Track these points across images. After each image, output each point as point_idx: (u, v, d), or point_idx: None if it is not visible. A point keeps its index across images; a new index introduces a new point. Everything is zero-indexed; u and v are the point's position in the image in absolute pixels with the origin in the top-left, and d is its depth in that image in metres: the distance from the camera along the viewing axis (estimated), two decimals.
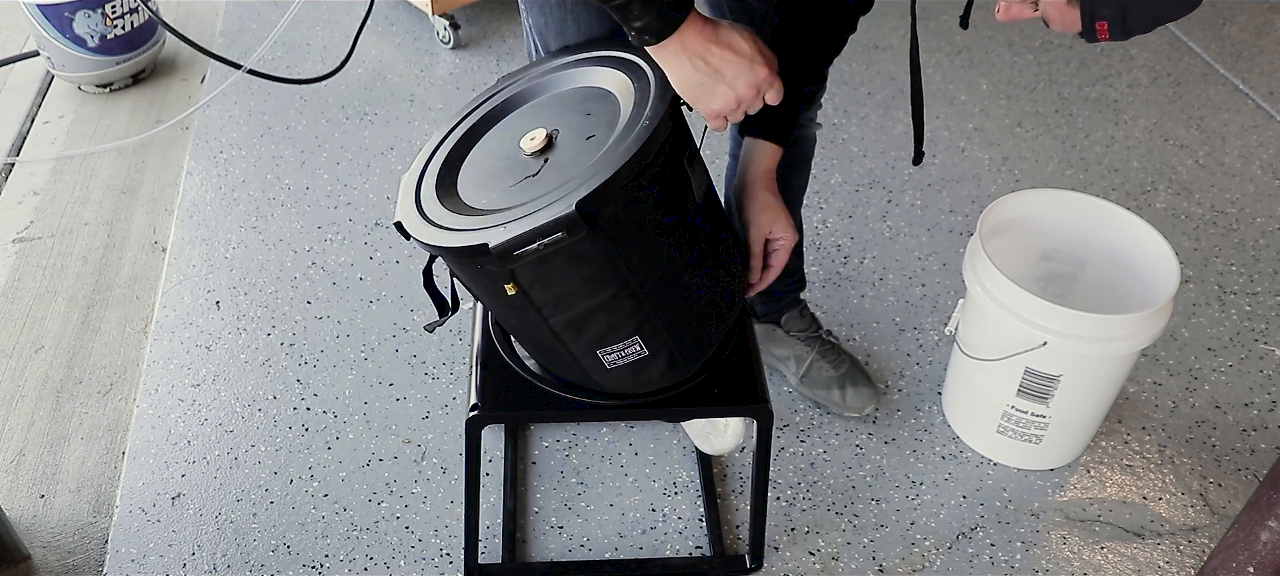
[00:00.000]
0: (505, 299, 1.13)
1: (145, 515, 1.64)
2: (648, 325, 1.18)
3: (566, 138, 1.15)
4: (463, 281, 1.22)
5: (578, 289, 1.13)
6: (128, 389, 1.89)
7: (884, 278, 2.07)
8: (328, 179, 2.34)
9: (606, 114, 1.15)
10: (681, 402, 1.29)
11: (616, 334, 1.18)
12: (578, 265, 1.10)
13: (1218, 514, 1.64)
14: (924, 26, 2.89)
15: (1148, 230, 1.61)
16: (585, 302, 1.14)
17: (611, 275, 1.12)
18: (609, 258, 1.10)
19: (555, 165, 1.12)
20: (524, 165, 1.15)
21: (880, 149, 2.42)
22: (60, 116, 2.66)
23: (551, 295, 1.12)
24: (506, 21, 2.90)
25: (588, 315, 1.15)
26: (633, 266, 1.12)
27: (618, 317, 1.16)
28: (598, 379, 1.24)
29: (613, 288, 1.14)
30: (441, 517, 1.63)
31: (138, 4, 2.64)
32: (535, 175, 1.13)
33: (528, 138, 1.16)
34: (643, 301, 1.16)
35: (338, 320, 1.98)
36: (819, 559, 1.58)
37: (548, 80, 1.25)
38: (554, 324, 1.16)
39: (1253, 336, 1.95)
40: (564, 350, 1.20)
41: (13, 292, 2.12)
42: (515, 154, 1.17)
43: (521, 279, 1.10)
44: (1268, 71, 2.71)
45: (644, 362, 1.21)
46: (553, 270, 1.09)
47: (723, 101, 1.11)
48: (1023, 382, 1.57)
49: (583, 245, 1.06)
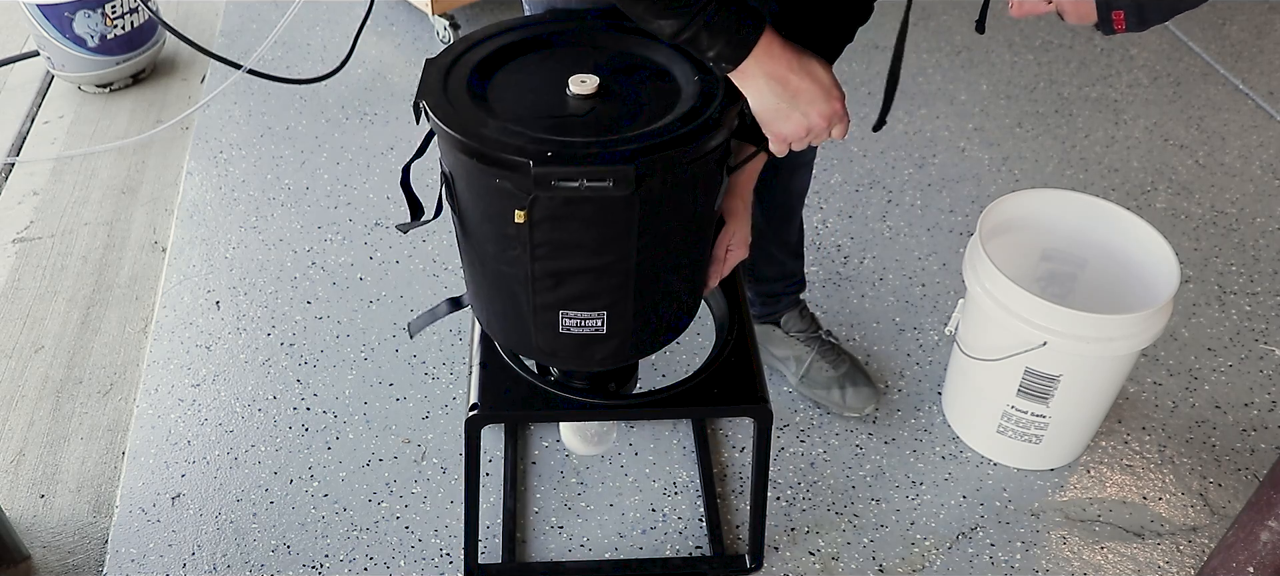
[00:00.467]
0: (503, 226, 1.11)
1: (145, 515, 1.64)
2: (620, 305, 1.18)
3: (616, 95, 1.14)
4: (454, 189, 1.17)
5: (582, 243, 1.12)
6: (128, 389, 1.89)
7: (884, 277, 2.07)
8: (328, 179, 2.34)
9: (663, 91, 1.15)
10: (682, 403, 1.30)
11: (589, 302, 1.17)
12: (598, 221, 1.09)
13: (1218, 514, 1.64)
14: (924, 26, 2.89)
15: (1148, 230, 1.61)
16: (580, 259, 1.13)
17: (620, 243, 1.12)
18: (628, 225, 1.10)
19: (603, 116, 1.11)
20: (569, 103, 1.13)
21: (880, 149, 2.42)
22: (60, 116, 2.66)
23: (554, 238, 1.11)
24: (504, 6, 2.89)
25: (574, 272, 1.14)
26: (641, 243, 1.12)
27: (600, 286, 1.16)
28: (539, 340, 1.22)
29: (614, 254, 1.13)
30: (441, 517, 1.63)
31: (138, 4, 2.64)
32: (582, 117, 1.11)
33: (578, 79, 1.13)
34: (630, 279, 1.15)
35: (338, 320, 1.98)
36: (819, 559, 1.58)
37: (598, 34, 1.23)
38: (536, 268, 1.13)
39: (1253, 336, 1.95)
40: (526, 299, 1.18)
41: (13, 292, 2.12)
42: (558, 89, 1.14)
43: (537, 211, 1.07)
44: (1268, 71, 2.71)
45: (595, 340, 1.20)
46: (573, 214, 1.08)
47: (794, 128, 1.12)
48: (1023, 382, 1.57)
49: (616, 204, 1.06)
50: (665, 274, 1.20)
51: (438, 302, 1.42)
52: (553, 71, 1.17)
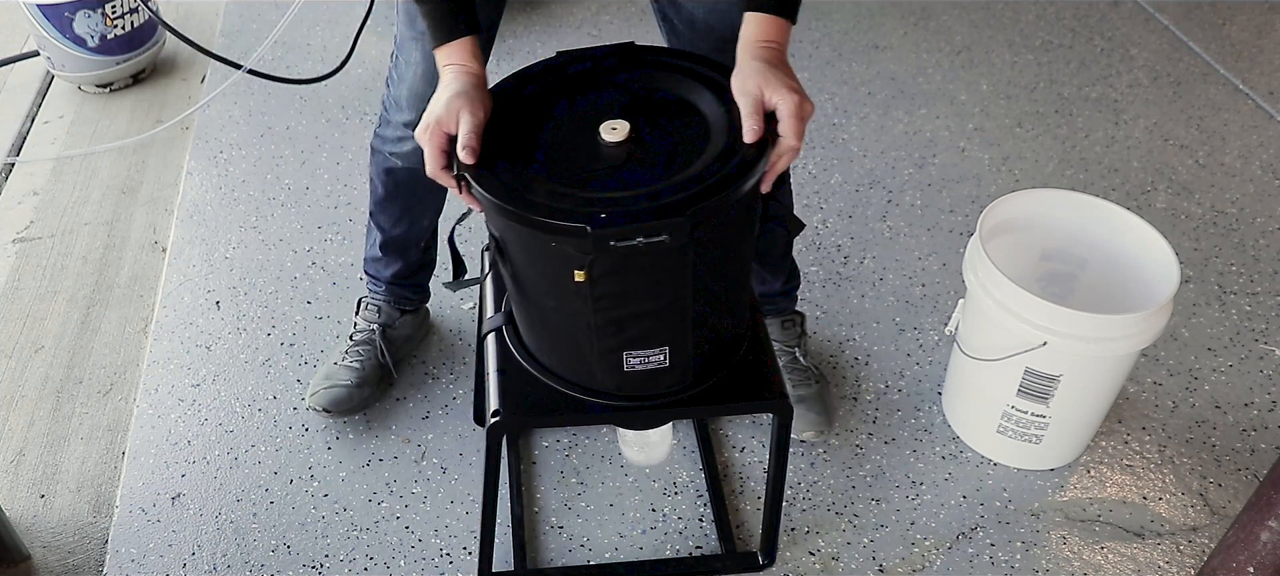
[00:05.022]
0: (562, 282, 1.12)
1: (145, 515, 1.64)
2: (681, 338, 1.20)
3: (648, 138, 1.15)
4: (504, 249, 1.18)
5: (641, 291, 1.13)
6: (128, 389, 1.89)
7: (884, 277, 2.07)
8: (328, 179, 2.34)
9: (692, 127, 1.16)
10: (702, 401, 1.30)
11: (651, 340, 1.19)
12: (655, 269, 1.11)
13: (1218, 514, 1.64)
14: (924, 27, 2.89)
15: (1148, 230, 1.61)
16: (640, 304, 1.15)
17: (676, 286, 1.14)
18: (684, 270, 1.12)
19: (642, 163, 1.12)
20: (603, 153, 1.14)
21: (880, 149, 2.42)
22: (60, 116, 2.67)
23: (613, 290, 1.12)
24: (505, 21, 2.89)
25: (634, 317, 1.16)
26: (697, 283, 1.14)
27: (660, 326, 1.18)
28: (603, 378, 1.24)
29: (671, 297, 1.15)
30: (441, 517, 1.63)
31: (138, 4, 2.64)
32: (620, 167, 1.12)
33: (609, 127, 1.15)
34: (688, 316, 1.18)
35: (338, 320, 1.98)
36: (819, 559, 1.58)
37: (615, 72, 1.25)
38: (598, 318, 1.15)
39: (1253, 336, 1.95)
40: (589, 344, 1.20)
41: (13, 292, 2.12)
42: (590, 138, 1.15)
43: (596, 268, 1.09)
44: (1268, 71, 2.71)
45: (660, 372, 1.22)
46: (630, 268, 1.10)
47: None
48: (1023, 382, 1.57)
49: (672, 253, 1.07)
50: (720, 299, 1.23)
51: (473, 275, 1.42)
52: (580, 118, 1.19)
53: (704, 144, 1.14)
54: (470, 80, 1.20)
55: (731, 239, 1.19)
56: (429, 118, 1.17)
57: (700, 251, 1.11)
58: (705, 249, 1.11)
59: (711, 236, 1.11)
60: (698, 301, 1.17)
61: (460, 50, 1.22)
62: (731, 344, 1.31)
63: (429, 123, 1.17)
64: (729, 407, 1.42)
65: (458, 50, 1.22)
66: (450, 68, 1.21)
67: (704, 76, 1.21)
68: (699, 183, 1.07)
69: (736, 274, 1.25)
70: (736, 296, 1.29)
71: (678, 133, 1.16)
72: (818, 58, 2.74)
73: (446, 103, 1.17)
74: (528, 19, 2.93)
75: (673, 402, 1.28)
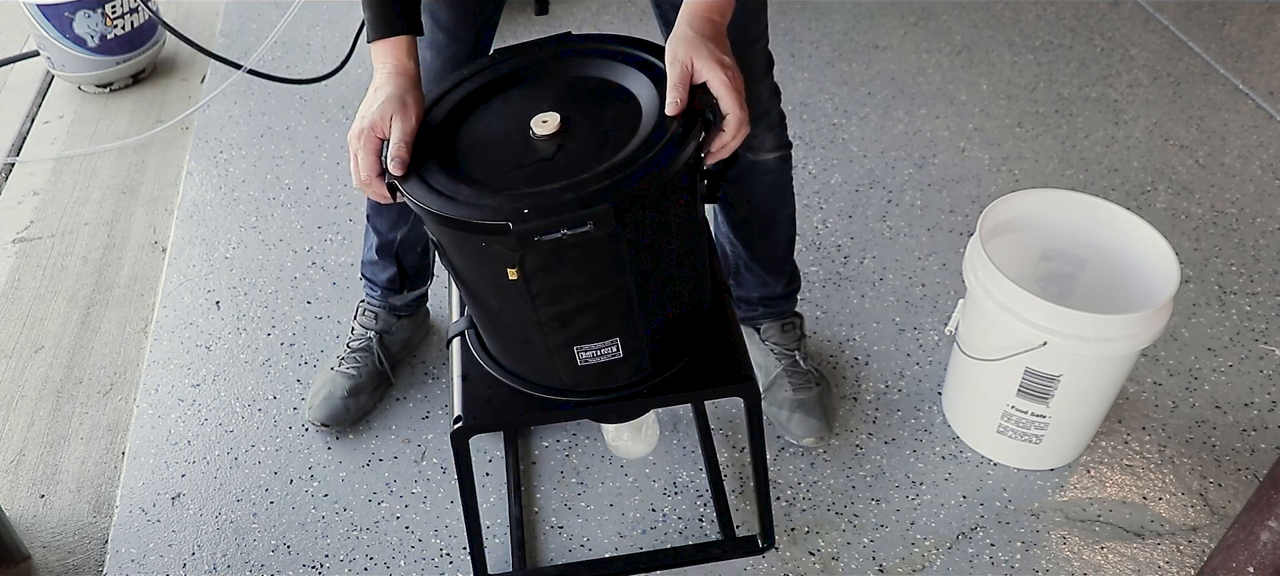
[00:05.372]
0: (500, 282, 1.11)
1: (145, 515, 1.64)
2: (630, 328, 1.19)
3: (579, 127, 1.14)
4: (446, 254, 1.19)
5: (579, 283, 1.13)
6: (128, 389, 1.89)
7: (884, 277, 2.07)
8: (328, 179, 2.34)
9: (625, 112, 1.14)
10: (667, 389, 1.29)
11: (599, 332, 1.18)
12: (588, 260, 1.10)
13: (1218, 514, 1.64)
14: (924, 27, 2.89)
15: (1148, 230, 1.61)
16: (581, 297, 1.14)
17: (615, 275, 1.13)
18: (618, 258, 1.11)
19: (571, 154, 1.11)
20: (534, 147, 1.13)
21: (880, 149, 2.42)
22: (60, 116, 2.67)
23: (551, 285, 1.12)
24: (505, 21, 2.89)
25: (578, 310, 1.15)
26: (636, 270, 1.13)
27: (606, 317, 1.17)
28: (562, 375, 1.23)
29: (612, 287, 1.14)
30: (441, 517, 1.63)
31: (138, 4, 2.64)
32: (550, 159, 1.11)
33: (540, 120, 1.14)
34: (634, 305, 1.16)
35: (338, 320, 1.98)
36: (819, 559, 1.58)
37: (551, 64, 1.24)
38: (541, 315, 1.15)
39: (1253, 336, 1.95)
40: (539, 342, 1.19)
41: (13, 292, 2.12)
42: (522, 133, 1.15)
43: (527, 265, 1.09)
44: (1268, 71, 2.71)
45: (615, 364, 1.22)
46: (562, 261, 1.09)
47: None
48: (1023, 382, 1.57)
49: (601, 242, 1.06)
50: (666, 286, 1.21)
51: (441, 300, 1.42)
52: (514, 114, 1.18)
53: (636, 128, 1.12)
54: (404, 82, 1.18)
55: (670, 220, 1.16)
56: (361, 123, 1.16)
57: (635, 237, 1.09)
58: (640, 234, 1.10)
59: (646, 220, 1.10)
60: (642, 289, 1.15)
61: (396, 49, 1.20)
62: (692, 326, 1.29)
63: (361, 128, 1.15)
64: (694, 394, 1.41)
65: (393, 49, 1.20)
66: (384, 68, 1.19)
67: (639, 60, 1.19)
68: (624, 168, 1.05)
69: (685, 255, 1.22)
70: (689, 279, 1.26)
71: (610, 120, 1.14)
72: (818, 58, 2.74)
73: (380, 107, 1.15)
74: (527, 19, 2.93)
75: (633, 394, 1.27)
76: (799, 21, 2.89)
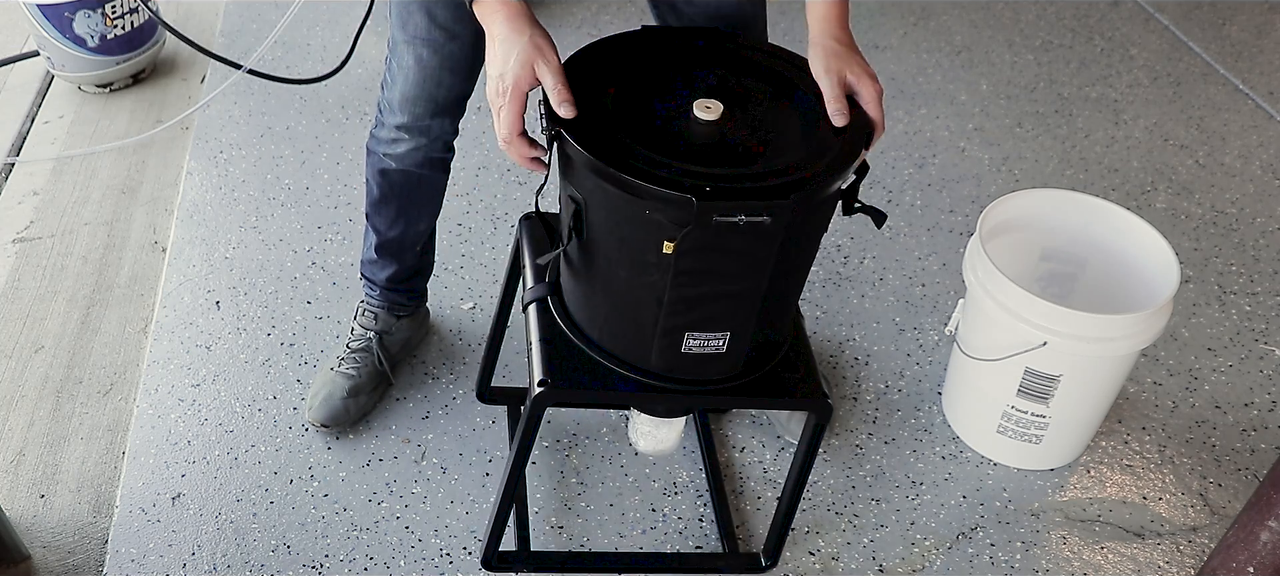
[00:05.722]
0: (643, 254, 1.11)
1: (145, 515, 1.64)
2: (745, 326, 1.20)
3: (739, 121, 1.15)
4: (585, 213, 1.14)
5: (723, 271, 1.13)
6: (128, 389, 1.89)
7: (884, 277, 2.07)
8: (328, 179, 2.34)
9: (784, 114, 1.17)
10: (748, 392, 1.30)
11: (717, 323, 1.18)
12: (744, 249, 1.10)
13: (1218, 514, 1.64)
14: (924, 27, 2.89)
15: (1148, 230, 1.61)
16: (716, 285, 1.14)
17: (758, 270, 1.14)
18: (768, 256, 1.12)
19: (737, 144, 1.13)
20: (696, 129, 1.13)
21: (880, 149, 2.42)
22: (60, 116, 2.66)
23: (697, 267, 1.11)
24: None
25: (708, 298, 1.15)
26: (775, 270, 1.14)
27: (730, 310, 1.17)
28: (657, 357, 1.22)
29: (750, 281, 1.15)
30: (441, 517, 1.63)
31: (138, 4, 2.64)
32: (714, 144, 1.12)
33: (703, 105, 1.14)
34: (757, 304, 1.17)
35: (338, 320, 1.98)
36: (819, 559, 1.58)
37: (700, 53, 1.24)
38: (672, 294, 1.14)
39: (1253, 336, 1.95)
40: (652, 321, 1.18)
41: (13, 292, 2.12)
42: (683, 112, 1.15)
43: (685, 242, 1.07)
44: (1268, 71, 2.71)
45: (715, 358, 1.22)
46: (720, 245, 1.09)
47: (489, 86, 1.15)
48: (1023, 382, 1.57)
49: (763, 236, 1.07)
50: (786, 292, 1.24)
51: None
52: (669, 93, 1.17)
53: (794, 134, 1.14)
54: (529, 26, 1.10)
55: (813, 231, 1.19)
56: (500, 81, 1.10)
57: (787, 240, 1.11)
58: (791, 239, 1.12)
59: (799, 228, 1.12)
60: (770, 291, 1.17)
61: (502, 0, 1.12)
62: (778, 341, 1.32)
63: (504, 87, 1.09)
64: (773, 402, 1.43)
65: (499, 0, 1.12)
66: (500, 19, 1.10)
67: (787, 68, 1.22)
68: (800, 169, 1.07)
69: (805, 268, 1.26)
70: (796, 293, 1.30)
71: (768, 121, 1.17)
72: None
73: (517, 58, 1.08)
74: None
75: (721, 390, 1.27)
76: (799, 22, 2.88)
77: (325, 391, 1.74)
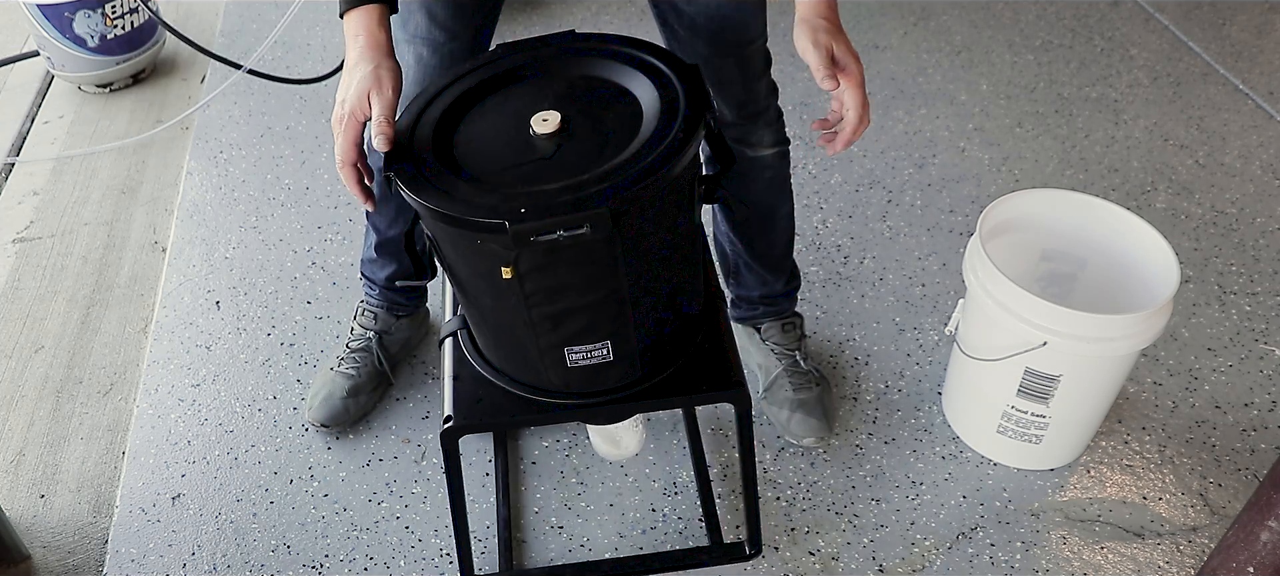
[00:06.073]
0: (494, 280, 1.11)
1: (145, 515, 1.64)
2: (622, 331, 1.19)
3: (580, 127, 1.14)
4: (441, 249, 1.18)
5: (572, 284, 1.12)
6: (128, 389, 1.89)
7: (884, 277, 2.07)
8: (328, 179, 2.34)
9: (626, 114, 1.14)
10: (659, 393, 1.28)
11: (591, 334, 1.18)
12: (583, 262, 1.10)
13: (1218, 514, 1.64)
14: (924, 26, 2.89)
15: (1148, 230, 1.61)
16: (573, 299, 1.14)
17: (609, 278, 1.12)
18: (613, 261, 1.10)
19: (570, 154, 1.11)
20: (534, 145, 1.13)
21: (880, 149, 2.42)
22: (60, 116, 2.67)
23: (544, 285, 1.12)
24: (505, 21, 2.89)
25: (570, 312, 1.15)
26: (630, 273, 1.13)
27: (598, 319, 1.16)
28: (552, 376, 1.23)
29: (605, 290, 1.14)
30: (441, 518, 1.63)
31: (138, 4, 2.64)
32: (548, 159, 1.11)
33: (540, 118, 1.13)
34: (626, 308, 1.16)
35: (338, 320, 1.98)
36: (819, 559, 1.58)
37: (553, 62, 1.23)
38: (533, 314, 1.15)
39: (1253, 336, 1.95)
40: (530, 342, 1.19)
41: (13, 292, 2.12)
42: (521, 131, 1.14)
43: (522, 264, 1.09)
44: (1268, 71, 2.71)
45: (605, 367, 1.21)
46: (557, 262, 1.09)
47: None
48: (1023, 382, 1.57)
49: (598, 243, 1.06)
50: (661, 290, 1.21)
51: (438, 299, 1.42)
52: (514, 111, 1.17)
53: (636, 130, 1.11)
54: (377, 55, 1.16)
55: (666, 224, 1.16)
56: (340, 108, 1.15)
57: (631, 240, 1.09)
58: (637, 237, 1.10)
59: (642, 224, 1.09)
60: (636, 292, 1.15)
61: (368, 20, 1.17)
62: (684, 331, 1.29)
63: (341, 113, 1.14)
64: (684, 399, 1.41)
65: (365, 20, 1.17)
66: (356, 43, 1.16)
67: (642, 62, 1.19)
68: (622, 172, 1.05)
69: (679, 259, 1.22)
70: (683, 284, 1.26)
71: (611, 121, 1.14)
72: None
73: (356, 87, 1.13)
74: (527, 19, 2.93)
75: (624, 397, 1.27)
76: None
77: (325, 391, 1.74)
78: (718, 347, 1.32)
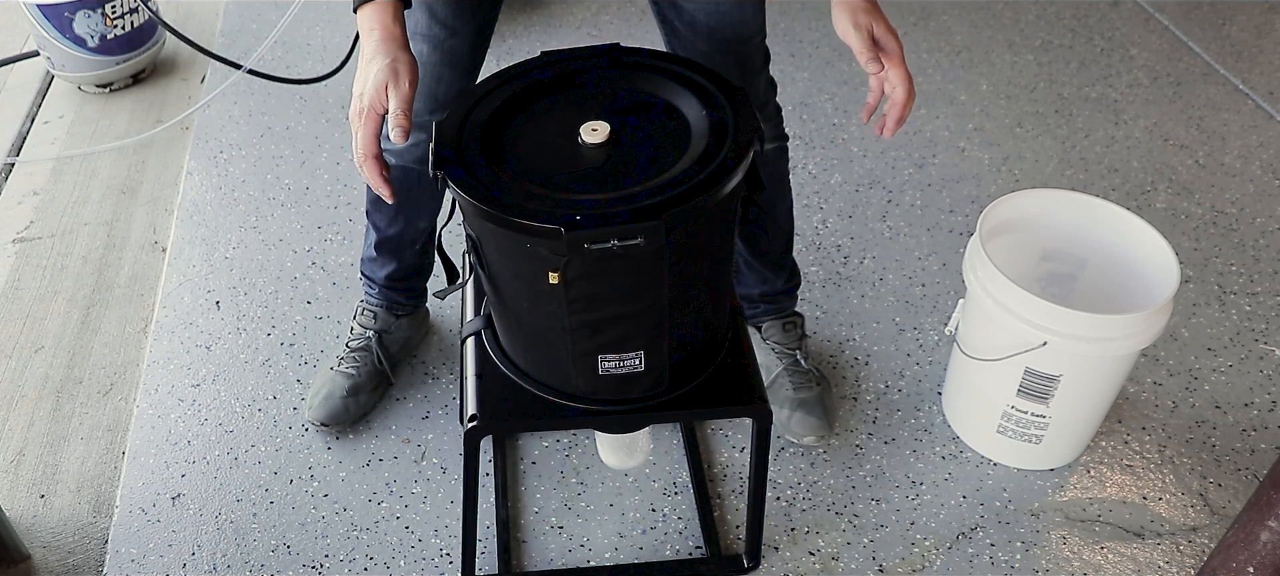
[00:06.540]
0: (536, 284, 1.11)
1: (145, 515, 1.64)
2: (657, 343, 1.19)
3: (629, 139, 1.15)
4: (480, 249, 1.18)
5: (616, 293, 1.13)
6: (128, 389, 1.89)
7: (884, 278, 2.07)
8: (328, 179, 2.34)
9: (672, 130, 1.16)
10: (681, 405, 1.29)
11: (626, 344, 1.18)
12: (630, 272, 1.11)
13: (1218, 514, 1.64)
14: (924, 27, 2.89)
15: (1148, 230, 1.61)
16: (615, 308, 1.14)
17: (652, 290, 1.13)
18: (659, 274, 1.11)
19: (620, 165, 1.12)
20: (583, 154, 1.14)
21: (880, 149, 2.42)
22: (60, 116, 2.67)
23: (588, 292, 1.12)
24: (505, 21, 2.90)
25: (610, 320, 1.15)
26: (672, 285, 1.14)
27: (636, 329, 1.17)
28: (578, 381, 1.23)
29: (647, 301, 1.15)
30: (441, 517, 1.63)
31: (138, 4, 2.64)
32: (598, 168, 1.12)
33: (589, 128, 1.14)
34: (664, 321, 1.17)
35: (338, 320, 1.98)
36: (819, 559, 1.58)
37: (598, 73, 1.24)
38: (572, 321, 1.15)
39: (1253, 336, 1.95)
40: (563, 347, 1.19)
41: (13, 292, 2.12)
42: (570, 139, 1.15)
43: (570, 270, 1.09)
44: (1268, 71, 2.71)
45: (635, 376, 1.22)
46: (604, 271, 1.09)
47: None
48: (1023, 382, 1.57)
49: (647, 256, 1.06)
50: (696, 306, 1.22)
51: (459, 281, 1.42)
52: (562, 119, 1.18)
53: (685, 147, 1.13)
54: (393, 48, 1.16)
55: (710, 243, 1.18)
56: (358, 102, 1.14)
57: (677, 255, 1.10)
58: (682, 252, 1.11)
59: (689, 240, 1.11)
60: (674, 305, 1.16)
61: (382, 13, 1.17)
62: (709, 347, 1.31)
63: (360, 107, 1.14)
64: (706, 412, 1.42)
65: (380, 13, 1.17)
66: (371, 36, 1.16)
67: (688, 80, 1.20)
68: (676, 186, 1.06)
69: (715, 278, 1.24)
70: (715, 300, 1.28)
71: (659, 135, 1.16)
72: (817, 57, 2.74)
73: (373, 80, 1.14)
74: (527, 19, 2.93)
75: (648, 407, 1.27)
76: (799, 21, 2.89)
77: (325, 391, 1.74)
78: (739, 362, 1.33)
